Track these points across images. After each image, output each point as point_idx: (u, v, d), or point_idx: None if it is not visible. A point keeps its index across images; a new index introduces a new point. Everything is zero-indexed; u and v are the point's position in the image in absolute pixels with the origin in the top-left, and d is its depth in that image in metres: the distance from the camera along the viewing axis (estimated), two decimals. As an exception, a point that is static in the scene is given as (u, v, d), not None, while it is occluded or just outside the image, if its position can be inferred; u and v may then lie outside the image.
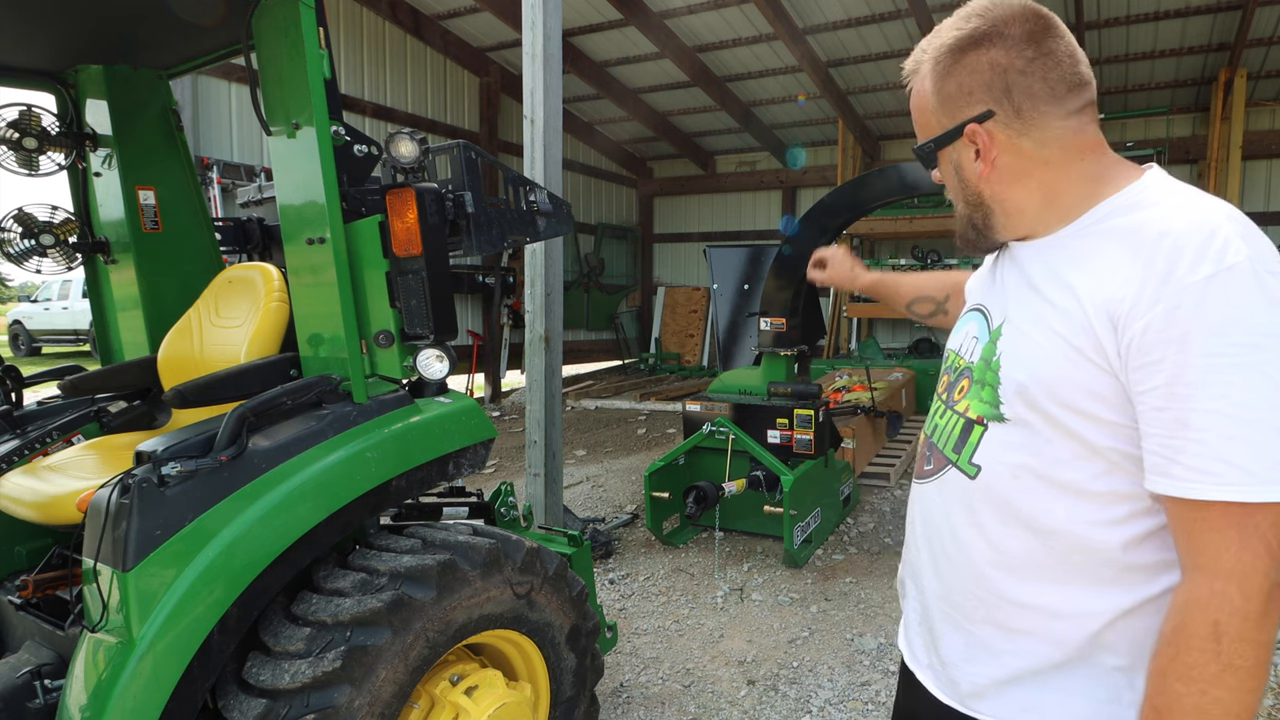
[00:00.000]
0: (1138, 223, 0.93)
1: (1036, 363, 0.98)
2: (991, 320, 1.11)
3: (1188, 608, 0.85)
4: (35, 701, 1.85)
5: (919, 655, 1.21)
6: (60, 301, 16.03)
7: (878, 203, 4.73)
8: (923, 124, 1.11)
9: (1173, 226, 0.89)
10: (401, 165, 2.11)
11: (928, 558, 1.17)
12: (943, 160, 1.10)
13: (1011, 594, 1.03)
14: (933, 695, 1.15)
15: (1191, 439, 0.83)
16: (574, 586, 2.28)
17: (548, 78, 4.24)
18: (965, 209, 1.11)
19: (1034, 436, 0.98)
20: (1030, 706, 1.03)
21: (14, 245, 2.59)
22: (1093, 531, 0.96)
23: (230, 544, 1.74)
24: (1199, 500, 0.83)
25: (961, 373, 1.14)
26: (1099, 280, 0.92)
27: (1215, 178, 8.82)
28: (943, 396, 1.18)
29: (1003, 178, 1.05)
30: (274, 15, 2.01)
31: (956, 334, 1.21)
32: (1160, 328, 0.84)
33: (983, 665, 1.07)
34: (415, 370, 2.14)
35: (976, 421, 1.07)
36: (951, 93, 1.04)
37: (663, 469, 4.73)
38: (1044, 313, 0.99)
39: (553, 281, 4.41)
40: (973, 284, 1.29)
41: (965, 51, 1.02)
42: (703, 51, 10.04)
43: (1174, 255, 0.86)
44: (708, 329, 13.16)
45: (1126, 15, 8.20)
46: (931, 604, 1.17)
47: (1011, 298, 1.07)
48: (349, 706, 1.71)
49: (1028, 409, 0.98)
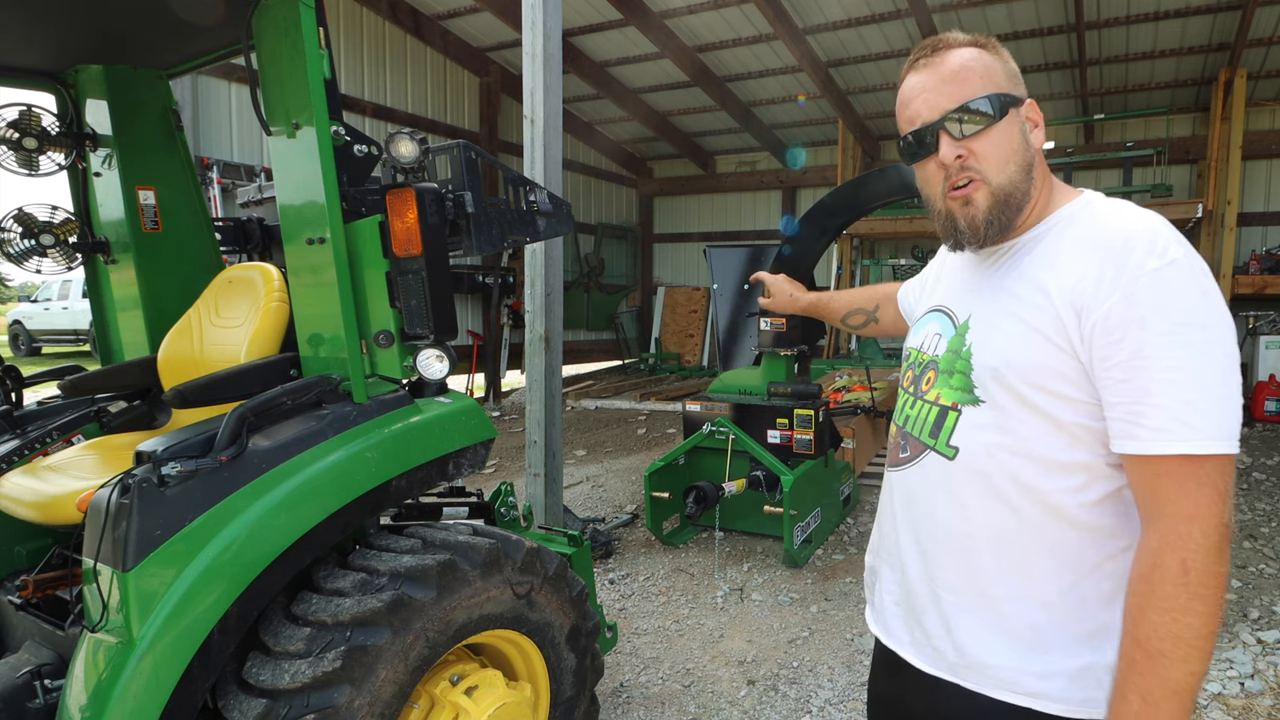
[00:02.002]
0: (1095, 227, 1.08)
1: (1009, 349, 1.09)
2: (956, 318, 1.22)
3: (1159, 551, 0.97)
4: (35, 701, 1.85)
5: (898, 634, 1.27)
6: (60, 301, 16.02)
7: (878, 203, 4.73)
8: (962, 84, 1.11)
9: (1123, 229, 1.03)
10: (401, 165, 2.11)
11: (909, 540, 1.24)
12: (1008, 122, 1.11)
13: (992, 563, 1.13)
14: (918, 670, 1.22)
15: (1151, 404, 0.96)
16: (574, 586, 2.28)
17: (548, 78, 4.23)
18: (1008, 183, 1.12)
19: (1007, 417, 1.09)
20: (1018, 668, 1.11)
21: (14, 245, 2.59)
22: (1060, 499, 1.08)
23: (230, 544, 1.74)
24: (1161, 455, 0.96)
25: (926, 366, 1.24)
26: (1064, 274, 1.06)
27: (1215, 178, 8.81)
28: (909, 389, 1.28)
29: (1037, 158, 1.16)
30: (274, 15, 2.01)
31: (916, 334, 1.32)
32: (1121, 311, 0.98)
33: (969, 634, 1.15)
34: (415, 370, 2.14)
35: (951, 408, 1.16)
36: (1013, 70, 1.16)
37: (663, 469, 4.73)
38: (1014, 307, 1.11)
39: (553, 281, 4.41)
40: (917, 292, 1.41)
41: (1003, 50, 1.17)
42: (703, 51, 10.04)
43: (1127, 251, 1.00)
44: (708, 329, 13.16)
45: (1126, 15, 8.20)
46: (915, 583, 1.23)
47: (978, 296, 1.19)
48: (349, 706, 1.71)
49: (1001, 391, 1.09)
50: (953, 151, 1.11)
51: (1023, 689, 1.11)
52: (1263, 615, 3.74)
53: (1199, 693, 0.95)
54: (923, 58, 1.15)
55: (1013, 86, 1.13)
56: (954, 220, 1.16)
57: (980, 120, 1.10)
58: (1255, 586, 4.08)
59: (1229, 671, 3.20)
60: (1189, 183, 10.18)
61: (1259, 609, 3.80)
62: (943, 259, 1.41)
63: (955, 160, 1.12)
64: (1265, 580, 4.16)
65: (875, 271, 11.15)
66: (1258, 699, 3.01)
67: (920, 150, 1.15)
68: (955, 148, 1.11)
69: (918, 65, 1.15)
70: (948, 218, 1.17)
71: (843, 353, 11.31)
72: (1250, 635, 3.51)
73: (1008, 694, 1.12)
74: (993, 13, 8.47)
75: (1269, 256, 9.15)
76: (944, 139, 1.12)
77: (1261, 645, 3.42)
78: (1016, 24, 8.63)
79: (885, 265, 11.14)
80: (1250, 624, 3.65)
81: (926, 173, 1.17)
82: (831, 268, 11.52)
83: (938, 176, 1.15)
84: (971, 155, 1.11)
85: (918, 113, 1.14)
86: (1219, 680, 3.14)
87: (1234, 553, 4.54)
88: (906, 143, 1.17)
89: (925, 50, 1.15)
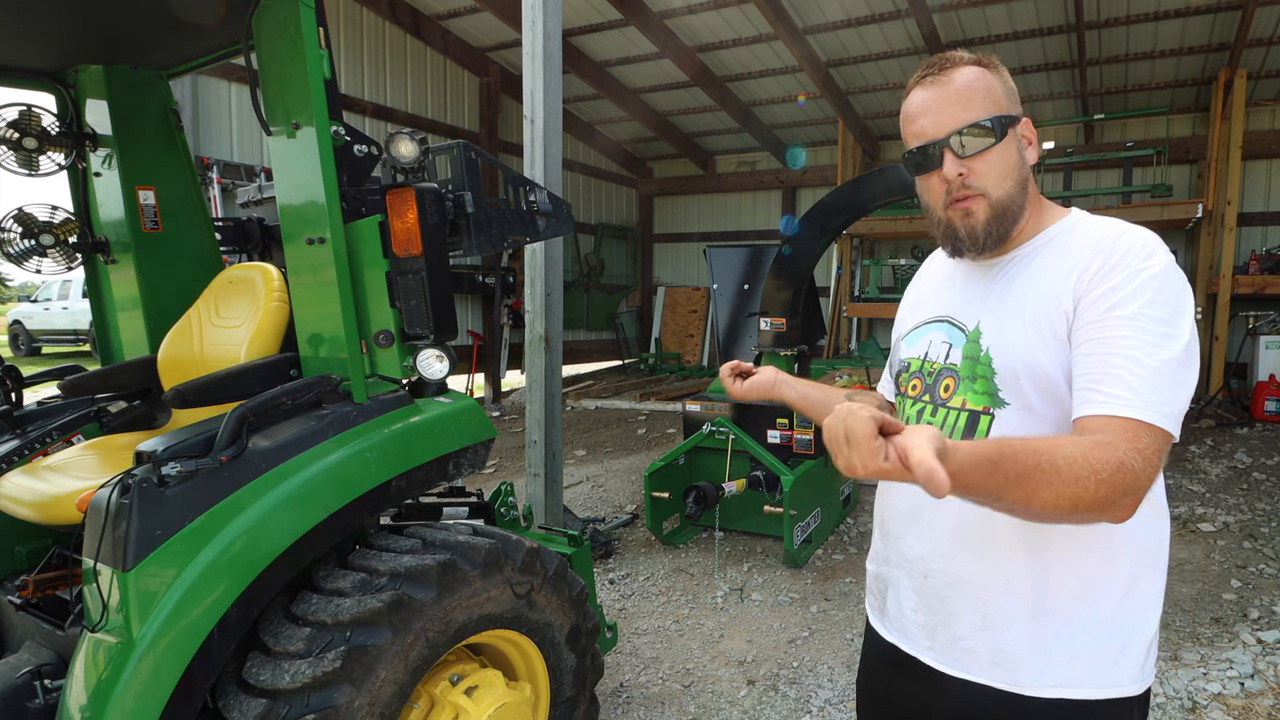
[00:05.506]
0: (1092, 234, 1.17)
1: (1026, 350, 1.15)
2: (964, 326, 1.26)
3: (1114, 443, 0.98)
4: (35, 701, 1.85)
5: (918, 640, 1.29)
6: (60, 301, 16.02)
7: (878, 203, 4.73)
8: (966, 105, 1.18)
9: (1119, 234, 1.14)
10: (401, 165, 2.11)
11: (934, 547, 1.26)
12: (1007, 142, 1.19)
13: (1024, 558, 1.17)
14: (940, 673, 1.25)
15: (1110, 373, 1.04)
16: (574, 586, 2.28)
17: (548, 78, 4.24)
18: (1005, 197, 1.20)
19: (1036, 414, 1.15)
20: (1049, 657, 1.15)
21: (14, 245, 2.59)
22: None
23: (230, 544, 1.74)
24: (1108, 415, 1.03)
25: (939, 374, 1.28)
26: (1065, 273, 1.14)
27: (1215, 178, 8.80)
28: (924, 398, 1.30)
29: (1029, 175, 1.24)
30: (274, 15, 2.01)
31: (915, 344, 1.36)
32: (1106, 293, 1.08)
33: (1005, 630, 1.18)
34: (415, 370, 2.14)
35: (982, 412, 1.20)
36: (1011, 89, 1.23)
37: (663, 469, 4.73)
38: (1023, 311, 1.17)
39: (553, 281, 4.41)
40: (917, 303, 1.43)
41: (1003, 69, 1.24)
42: (703, 51, 10.03)
43: (1125, 249, 1.11)
44: (708, 329, 13.15)
45: (1126, 15, 8.19)
46: (942, 588, 1.25)
47: (984, 305, 1.24)
48: (349, 706, 1.71)
49: (1027, 390, 1.15)
50: (956, 169, 1.19)
51: (1051, 679, 1.15)
52: (1263, 615, 3.73)
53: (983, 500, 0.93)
54: (929, 75, 1.21)
55: (1012, 106, 1.21)
56: (954, 229, 1.23)
57: (983, 140, 1.18)
58: (1255, 586, 4.08)
59: (1229, 671, 3.20)
60: (1189, 183, 10.17)
61: (1259, 609, 3.80)
62: (919, 280, 1.49)
63: (958, 177, 1.19)
64: (1265, 580, 4.16)
65: (875, 271, 11.15)
66: (1258, 699, 3.01)
67: (925, 164, 1.22)
68: (958, 165, 1.19)
69: (925, 82, 1.22)
70: (948, 226, 1.24)
71: (843, 353, 11.31)
72: (1250, 635, 3.51)
73: (1037, 686, 1.16)
74: (993, 13, 8.47)
75: (1269, 256, 9.14)
76: (948, 156, 1.19)
77: (1261, 645, 3.42)
78: (1016, 24, 8.62)
79: (885, 265, 11.13)
80: (1250, 624, 3.65)
81: (929, 184, 1.24)
82: (831, 268, 11.52)
83: (940, 189, 1.22)
84: (972, 173, 1.19)
85: (924, 129, 1.21)
86: (1219, 680, 3.14)
87: (1234, 552, 4.54)
88: (911, 155, 1.24)
89: (933, 68, 1.22)
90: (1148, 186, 9.45)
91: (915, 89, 1.23)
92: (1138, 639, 1.16)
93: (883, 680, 1.40)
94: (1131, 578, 1.17)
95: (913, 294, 1.48)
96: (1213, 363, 8.70)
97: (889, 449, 0.82)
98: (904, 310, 1.47)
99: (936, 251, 1.44)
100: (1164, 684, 3.13)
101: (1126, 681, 1.16)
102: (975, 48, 8.09)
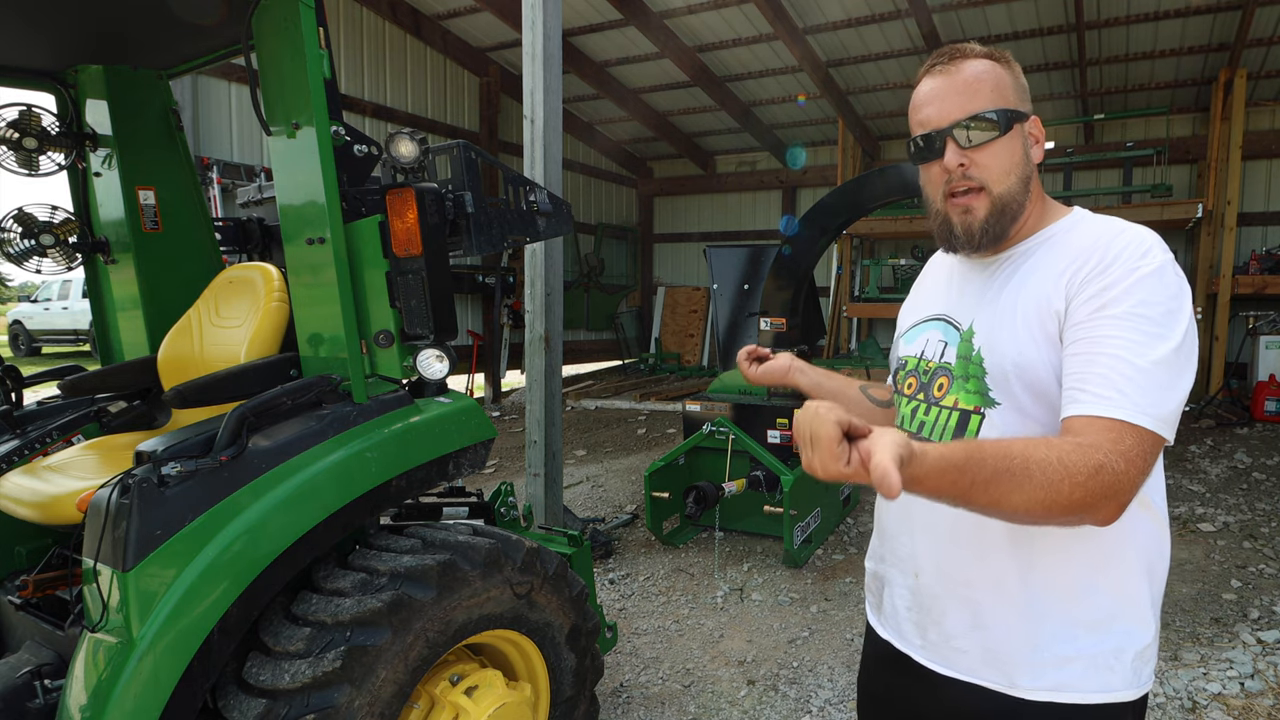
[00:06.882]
0: (1089, 233, 1.15)
1: (1017, 350, 1.14)
2: (959, 325, 1.25)
3: (1096, 445, 0.97)
4: (35, 701, 1.85)
5: (911, 638, 1.30)
6: (60, 301, 16.02)
7: (878, 203, 4.73)
8: (973, 96, 1.16)
9: (1116, 232, 1.12)
10: (401, 165, 2.11)
11: (926, 546, 1.26)
12: (1012, 136, 1.18)
13: (1014, 558, 1.15)
14: (933, 672, 1.25)
15: (1096, 373, 1.02)
16: (574, 586, 2.28)
17: (548, 78, 4.24)
18: (1007, 193, 1.18)
19: (1027, 415, 1.14)
20: (1040, 660, 1.14)
21: (14, 245, 2.59)
22: None
23: (230, 544, 1.74)
24: (1092, 416, 1.01)
25: (934, 373, 1.27)
26: (1062, 268, 1.13)
27: (1215, 178, 8.80)
28: (918, 396, 1.30)
29: (1034, 173, 1.22)
30: (274, 15, 2.01)
31: (913, 342, 1.35)
32: (1098, 292, 1.07)
33: (994, 630, 1.18)
34: (415, 370, 2.14)
35: (973, 411, 1.19)
36: (1023, 85, 1.21)
37: (663, 469, 4.73)
38: (1016, 310, 1.16)
39: (553, 281, 4.41)
40: (918, 300, 1.43)
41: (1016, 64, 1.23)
42: (703, 51, 10.03)
43: (1120, 248, 1.09)
44: (708, 329, 13.15)
45: (1126, 15, 8.19)
46: (933, 586, 1.25)
47: (978, 304, 1.23)
48: (349, 706, 1.72)
49: (1018, 390, 1.14)
50: (957, 159, 1.18)
51: (1044, 682, 1.14)
52: (1263, 615, 3.73)
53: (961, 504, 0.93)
54: (939, 64, 1.21)
55: (1020, 102, 1.19)
56: (950, 224, 1.22)
57: (987, 132, 1.16)
58: (1255, 586, 4.08)
59: (1229, 671, 3.20)
60: (1189, 183, 10.17)
61: (1259, 609, 3.80)
62: (923, 278, 1.48)
63: (959, 167, 1.18)
64: (1265, 580, 4.16)
65: (875, 271, 11.14)
66: (1258, 699, 3.01)
67: (928, 153, 1.21)
68: (960, 155, 1.18)
69: (934, 71, 1.21)
70: (945, 221, 1.23)
71: (843, 353, 11.31)
72: (1250, 635, 3.51)
73: (1030, 688, 1.15)
74: (993, 12, 8.47)
75: (1269, 256, 9.14)
76: (950, 146, 1.18)
77: (1261, 645, 3.42)
78: (1016, 24, 8.62)
79: (885, 265, 11.13)
80: (1250, 624, 3.65)
81: (930, 174, 1.23)
82: (831, 268, 11.52)
83: (940, 179, 1.21)
84: (974, 165, 1.18)
85: (929, 117, 1.20)
86: (1219, 680, 3.14)
87: (1234, 552, 4.54)
88: (915, 144, 1.23)
89: (943, 58, 1.21)
90: (1148, 186, 9.46)
91: (925, 78, 1.22)
92: (1132, 644, 1.15)
93: (882, 680, 1.40)
94: (1125, 582, 1.15)
95: (916, 291, 1.48)
96: (1213, 363, 8.70)
97: (852, 453, 0.82)
98: (906, 307, 1.47)
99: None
100: (1164, 684, 3.13)
101: (1121, 687, 1.14)
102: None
